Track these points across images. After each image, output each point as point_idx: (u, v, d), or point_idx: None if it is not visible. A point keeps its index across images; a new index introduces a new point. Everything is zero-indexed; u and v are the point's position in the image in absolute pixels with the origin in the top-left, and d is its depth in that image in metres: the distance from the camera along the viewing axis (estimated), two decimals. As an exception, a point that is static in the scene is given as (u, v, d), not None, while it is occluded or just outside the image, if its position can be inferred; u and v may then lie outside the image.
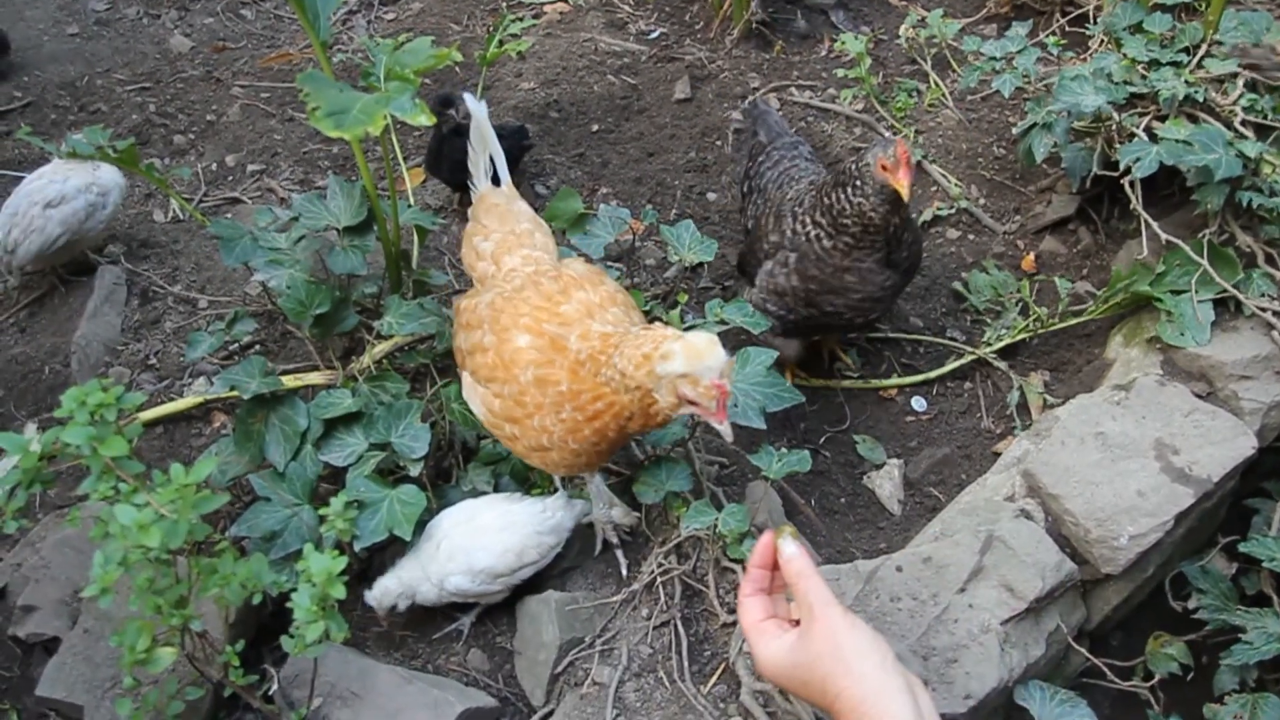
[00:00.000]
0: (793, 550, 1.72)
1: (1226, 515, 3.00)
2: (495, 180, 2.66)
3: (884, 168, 2.64)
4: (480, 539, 2.43)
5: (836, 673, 1.59)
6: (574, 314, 2.22)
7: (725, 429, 2.00)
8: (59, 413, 2.04)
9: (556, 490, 2.55)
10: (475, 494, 2.62)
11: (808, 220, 2.89)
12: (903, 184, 2.62)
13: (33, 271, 3.37)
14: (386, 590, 2.47)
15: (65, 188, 3.24)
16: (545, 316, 2.23)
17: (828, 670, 1.60)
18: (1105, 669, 2.56)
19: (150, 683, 2.22)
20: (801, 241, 2.90)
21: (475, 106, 2.57)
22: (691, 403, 1.98)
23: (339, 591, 1.97)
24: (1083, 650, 2.55)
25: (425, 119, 2.26)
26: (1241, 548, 2.73)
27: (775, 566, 1.78)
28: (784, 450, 2.52)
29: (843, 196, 2.77)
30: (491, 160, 2.63)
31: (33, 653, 2.57)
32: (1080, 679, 2.68)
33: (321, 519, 2.28)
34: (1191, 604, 2.82)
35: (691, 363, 1.93)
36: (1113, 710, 2.85)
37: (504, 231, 2.53)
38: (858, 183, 2.73)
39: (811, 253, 2.88)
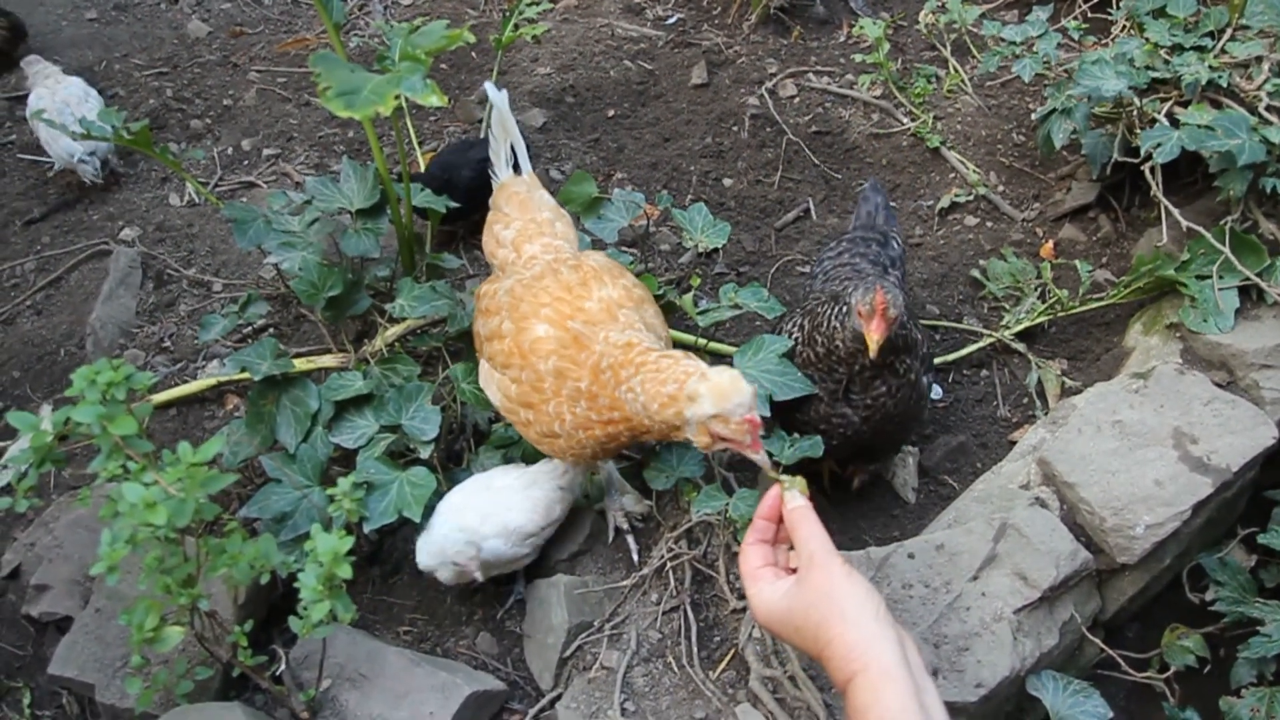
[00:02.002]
0: (799, 501, 1.76)
1: (1246, 507, 2.95)
2: (516, 169, 2.66)
3: (860, 314, 2.38)
4: (508, 499, 2.43)
5: (830, 618, 1.60)
6: (598, 312, 2.21)
7: (761, 458, 1.97)
8: (69, 391, 2.05)
9: None
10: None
11: (796, 320, 2.67)
12: (872, 337, 2.35)
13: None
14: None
15: (78, 84, 3.79)
16: (569, 311, 2.22)
17: (821, 616, 1.61)
18: (1120, 660, 2.53)
19: (160, 662, 2.24)
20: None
21: (496, 96, 2.56)
22: (725, 439, 1.96)
23: (345, 571, 1.97)
24: (1097, 640, 2.52)
25: (436, 99, 2.25)
26: (1261, 539, 2.70)
27: (780, 520, 1.81)
28: (796, 436, 2.50)
29: (829, 312, 2.53)
30: (513, 149, 2.63)
31: (45, 632, 2.59)
32: (1095, 670, 2.65)
33: (331, 500, 2.28)
34: (1209, 596, 2.77)
35: (720, 404, 1.92)
36: (1128, 702, 2.81)
37: (525, 219, 2.53)
38: (844, 311, 2.46)
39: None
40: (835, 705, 2.15)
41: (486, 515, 2.40)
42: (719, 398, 1.91)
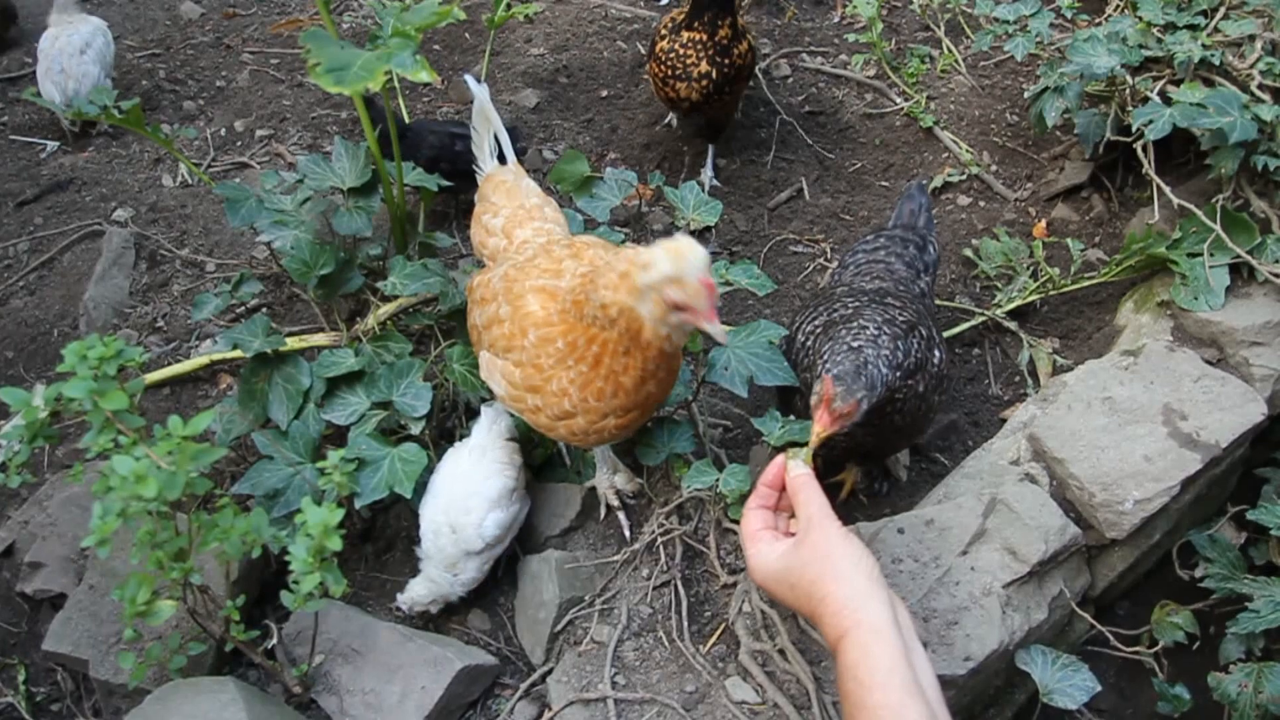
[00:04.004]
0: (801, 469, 1.84)
1: (1236, 484, 2.97)
2: (501, 160, 2.65)
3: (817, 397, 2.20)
4: (481, 467, 2.43)
5: (825, 576, 1.65)
6: (579, 267, 2.19)
7: (717, 329, 1.90)
8: (61, 367, 2.05)
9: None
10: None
11: (814, 327, 2.53)
12: (814, 428, 2.13)
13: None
14: (417, 598, 2.45)
15: (84, 33, 3.83)
16: (551, 276, 2.21)
17: (817, 574, 1.66)
18: (1110, 636, 2.54)
19: (153, 637, 2.25)
20: (796, 336, 2.59)
21: (477, 89, 2.56)
22: (679, 307, 1.89)
23: (335, 543, 1.98)
24: (1086, 615, 2.53)
25: (425, 75, 2.25)
26: (1250, 516, 2.70)
27: (783, 488, 1.87)
28: (791, 418, 2.50)
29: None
30: (496, 140, 2.62)
31: (40, 609, 2.60)
32: (1085, 646, 2.67)
33: (322, 474, 2.28)
34: (1199, 573, 2.79)
35: (676, 263, 1.85)
36: (1118, 678, 2.84)
37: (513, 207, 2.52)
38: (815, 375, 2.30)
39: (794, 348, 2.57)
40: (824, 678, 2.17)
41: (470, 496, 2.40)
42: (676, 258, 1.85)
